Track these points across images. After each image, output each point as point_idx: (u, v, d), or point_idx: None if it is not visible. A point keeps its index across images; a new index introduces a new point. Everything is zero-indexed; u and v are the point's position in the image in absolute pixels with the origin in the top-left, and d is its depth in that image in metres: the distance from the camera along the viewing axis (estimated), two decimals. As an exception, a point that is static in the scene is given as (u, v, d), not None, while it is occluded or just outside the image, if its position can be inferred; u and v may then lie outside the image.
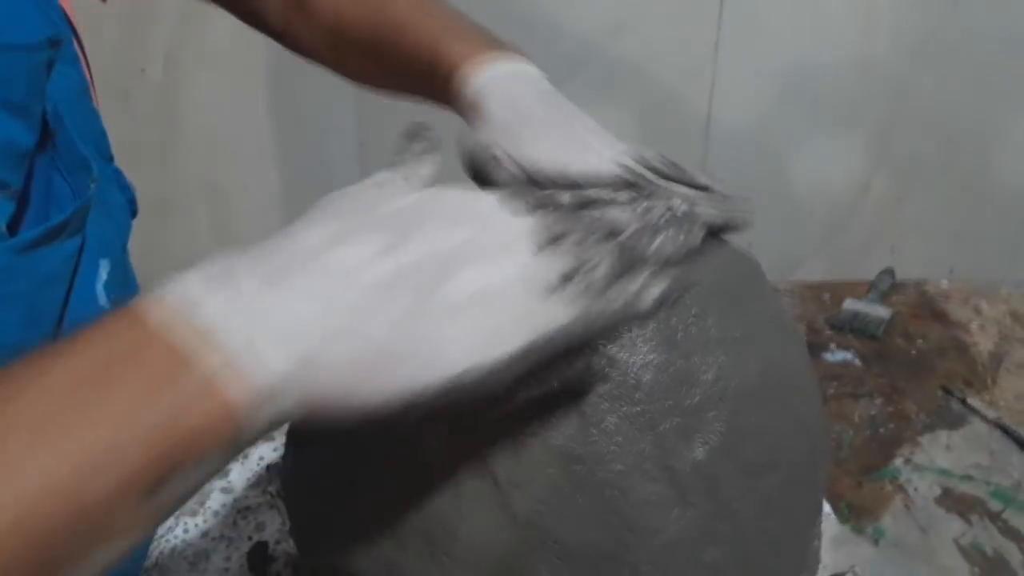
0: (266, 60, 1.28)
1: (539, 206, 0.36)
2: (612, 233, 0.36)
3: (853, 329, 1.06)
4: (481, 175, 0.47)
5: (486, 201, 0.36)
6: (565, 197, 0.38)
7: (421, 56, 0.55)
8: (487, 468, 0.39)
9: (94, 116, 0.58)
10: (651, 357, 0.41)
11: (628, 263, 0.35)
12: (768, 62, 1.27)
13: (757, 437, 0.43)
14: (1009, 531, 0.74)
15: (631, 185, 0.42)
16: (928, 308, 1.14)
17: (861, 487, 0.80)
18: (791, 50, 1.26)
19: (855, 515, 0.76)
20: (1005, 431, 0.87)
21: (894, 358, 1.01)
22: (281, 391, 0.29)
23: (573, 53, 1.25)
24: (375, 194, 0.36)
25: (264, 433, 0.30)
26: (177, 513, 0.74)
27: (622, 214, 0.37)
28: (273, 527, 0.72)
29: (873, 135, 1.33)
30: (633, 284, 0.34)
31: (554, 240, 0.34)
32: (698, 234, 0.40)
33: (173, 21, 1.25)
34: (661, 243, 0.37)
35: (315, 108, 1.30)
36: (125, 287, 0.62)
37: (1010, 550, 0.72)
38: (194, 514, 0.75)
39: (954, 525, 0.75)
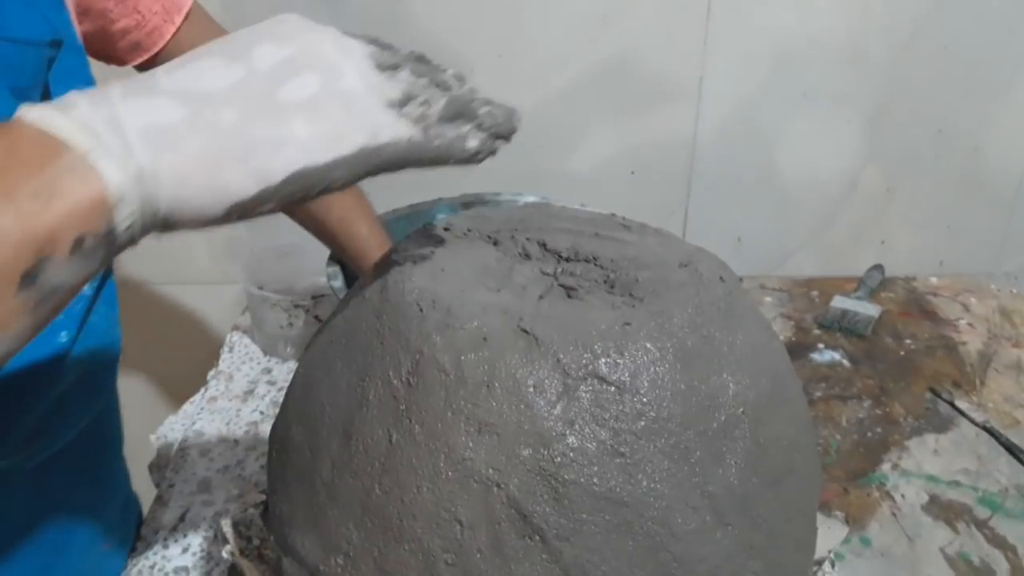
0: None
1: (377, 43, 0.39)
2: (441, 86, 0.39)
3: (842, 328, 1.05)
4: None
5: (330, 27, 0.38)
6: (402, 49, 0.40)
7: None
8: (531, 525, 0.38)
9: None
10: (676, 386, 0.41)
11: (456, 113, 0.38)
12: (757, 55, 1.25)
13: (776, 446, 0.44)
14: (996, 539, 0.74)
15: None
16: (917, 305, 1.13)
17: (848, 493, 0.79)
18: (780, 43, 1.24)
19: (842, 522, 0.76)
20: (992, 435, 0.86)
21: (883, 358, 1.00)
22: (147, 177, 0.32)
23: (559, 46, 1.23)
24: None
25: (143, 227, 0.34)
26: (157, 528, 0.74)
27: (452, 79, 0.40)
28: None
29: (863, 129, 1.31)
30: (459, 130, 0.38)
31: (392, 68, 0.37)
32: (515, 123, 0.41)
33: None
34: (486, 111, 0.39)
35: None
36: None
37: (996, 559, 0.72)
38: (174, 528, 0.74)
39: (941, 533, 0.75)
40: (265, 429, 0.86)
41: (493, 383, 0.39)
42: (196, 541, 0.72)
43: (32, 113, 0.33)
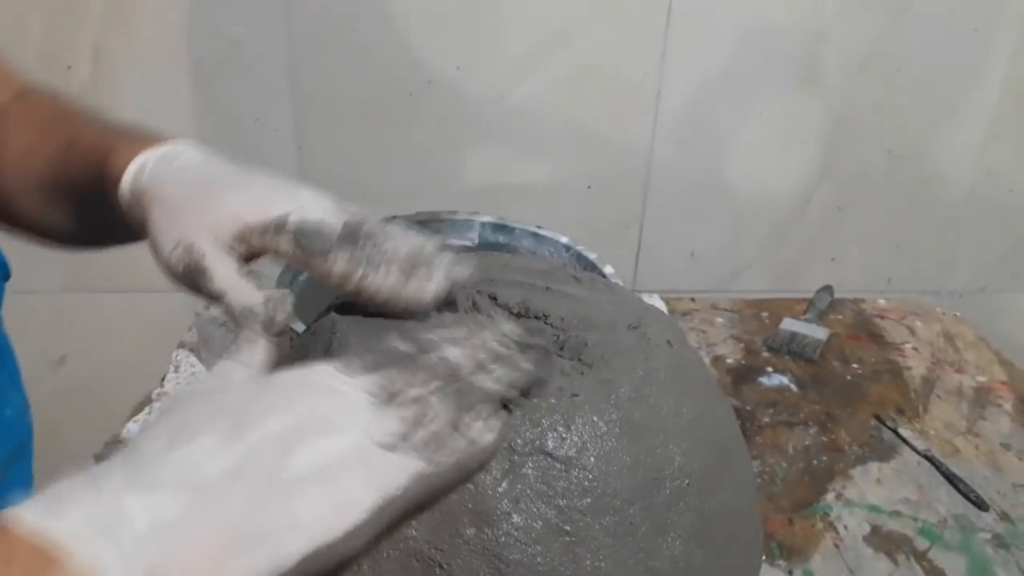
0: (199, 58, 1.24)
1: (376, 364, 0.37)
2: (452, 376, 0.37)
3: (791, 351, 1.07)
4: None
5: (321, 372, 0.36)
6: (402, 346, 0.38)
7: (90, 166, 0.53)
8: None
9: None
10: (622, 459, 0.40)
11: (466, 406, 0.37)
12: (714, 72, 1.26)
13: (720, 516, 0.44)
14: (934, 571, 0.75)
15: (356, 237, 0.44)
16: (865, 328, 1.15)
17: (793, 525, 0.80)
18: (737, 62, 1.25)
19: (786, 555, 0.77)
20: (933, 463, 0.88)
21: (830, 383, 1.02)
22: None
23: (518, 60, 1.23)
24: (214, 385, 0.38)
25: None
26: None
27: (458, 352, 0.38)
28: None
29: (817, 147, 1.33)
30: (460, 442, 0.36)
31: (393, 396, 0.36)
32: (526, 366, 0.40)
33: (100, 16, 1.20)
34: (495, 380, 0.38)
35: (251, 109, 1.26)
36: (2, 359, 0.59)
37: (934, 592, 0.73)
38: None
39: (881, 565, 0.76)
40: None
41: None
42: None
43: (28, 515, 0.30)
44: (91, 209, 0.56)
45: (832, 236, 1.40)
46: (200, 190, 0.47)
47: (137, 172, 0.49)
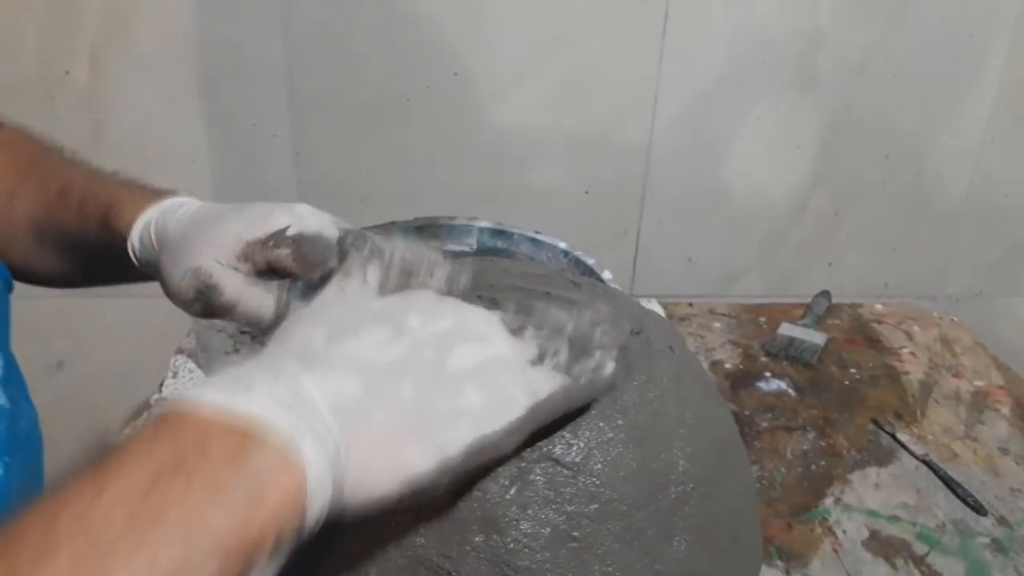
0: (197, 64, 1.24)
1: (495, 306, 0.40)
2: (556, 329, 0.39)
3: (788, 356, 1.07)
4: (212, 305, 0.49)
5: (452, 299, 0.40)
6: (511, 304, 0.41)
7: (90, 216, 0.56)
8: None
9: None
10: (628, 465, 0.41)
11: (580, 350, 0.39)
12: (711, 78, 1.27)
13: (723, 518, 0.44)
14: (932, 576, 0.76)
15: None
16: (862, 332, 1.15)
17: (791, 529, 0.80)
18: (733, 68, 1.26)
19: (784, 559, 0.77)
20: (931, 468, 0.88)
21: (828, 387, 1.02)
22: (341, 458, 0.31)
23: (515, 66, 1.23)
24: (346, 301, 0.39)
25: (326, 515, 0.32)
26: None
27: (561, 313, 0.40)
28: None
29: (813, 153, 1.33)
30: (590, 364, 0.39)
31: (518, 330, 0.38)
32: (626, 329, 0.43)
33: (98, 22, 1.20)
34: (601, 334, 0.40)
35: (249, 114, 1.26)
36: (9, 378, 0.59)
37: (933, 597, 0.74)
38: None
39: (880, 570, 0.76)
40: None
41: None
42: None
43: (209, 396, 0.31)
44: (91, 256, 0.58)
45: (829, 241, 1.40)
46: (202, 224, 0.50)
47: (144, 227, 0.53)
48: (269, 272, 0.48)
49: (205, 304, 0.49)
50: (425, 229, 1.03)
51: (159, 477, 0.28)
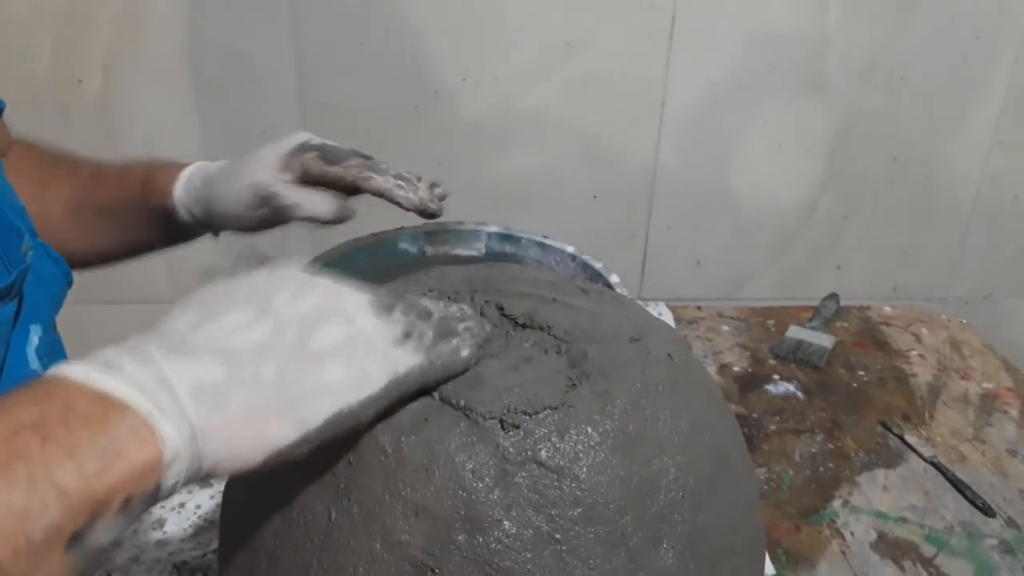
0: (207, 72, 1.25)
1: (367, 289, 0.43)
2: (425, 313, 0.43)
3: (796, 359, 1.07)
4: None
5: (324, 277, 0.42)
6: (382, 290, 0.44)
7: (129, 187, 0.67)
8: None
9: (11, 190, 0.58)
10: (615, 470, 0.41)
11: (444, 332, 0.42)
12: (719, 82, 1.27)
13: (716, 528, 0.44)
14: (940, 578, 0.76)
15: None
16: (870, 335, 1.15)
17: (799, 531, 0.80)
18: (741, 72, 1.26)
19: (792, 562, 0.77)
20: (940, 470, 0.88)
21: (836, 390, 1.02)
22: (198, 436, 0.33)
23: (523, 70, 1.24)
24: (227, 282, 0.41)
25: (184, 482, 0.34)
26: (111, 570, 0.73)
27: (430, 302, 0.44)
28: (209, 583, 0.71)
29: (821, 156, 1.34)
30: (451, 345, 0.42)
31: (388, 308, 0.41)
32: (485, 328, 0.46)
33: (109, 30, 1.21)
34: (464, 325, 0.44)
35: (259, 121, 1.27)
36: (53, 353, 0.62)
37: (941, 598, 0.74)
38: (126, 571, 0.73)
39: (888, 572, 0.76)
40: (221, 463, 0.85)
41: (432, 466, 0.39)
42: (149, 583, 0.71)
43: (74, 371, 0.33)
44: (130, 221, 0.68)
45: (837, 244, 1.40)
46: (241, 159, 0.62)
47: (188, 178, 0.65)
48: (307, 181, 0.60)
49: (271, 208, 0.60)
50: (434, 234, 1.04)
51: (18, 432, 0.30)
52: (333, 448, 0.42)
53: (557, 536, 0.39)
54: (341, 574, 0.40)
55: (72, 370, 0.33)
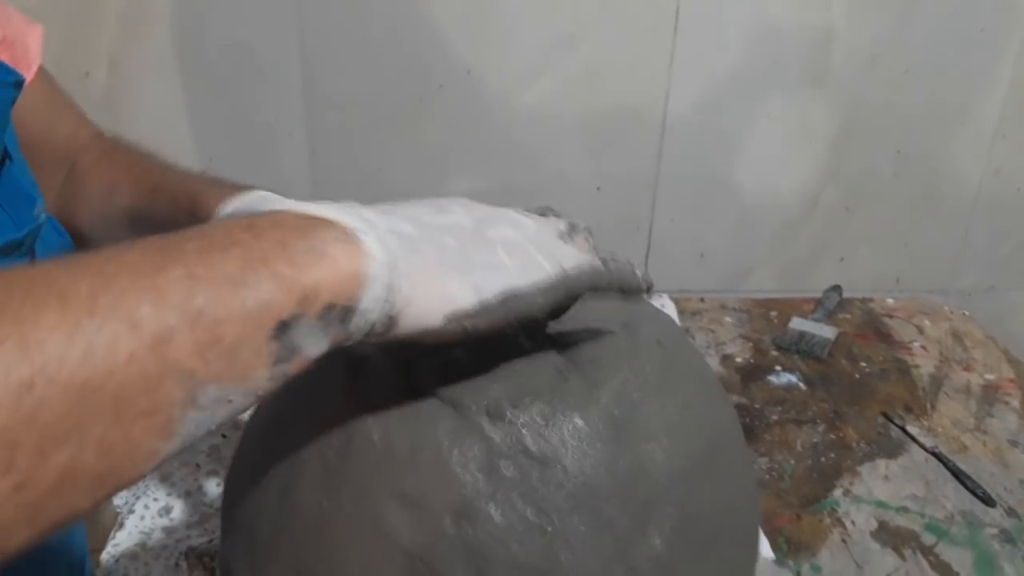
0: (213, 65, 1.26)
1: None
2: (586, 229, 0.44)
3: (799, 350, 1.07)
4: None
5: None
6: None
7: (180, 206, 0.62)
8: None
9: (24, 163, 0.59)
10: (601, 457, 0.41)
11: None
12: (722, 75, 1.27)
13: (706, 513, 0.44)
14: (940, 566, 0.76)
15: None
16: (873, 327, 1.16)
17: (800, 520, 0.81)
18: (745, 64, 1.26)
19: (793, 549, 0.78)
20: (941, 460, 0.89)
21: (838, 381, 1.03)
22: (397, 268, 0.34)
23: (528, 63, 1.24)
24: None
25: (375, 320, 0.34)
26: (117, 556, 0.74)
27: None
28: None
29: (825, 149, 1.34)
30: (620, 259, 0.43)
31: (545, 215, 0.44)
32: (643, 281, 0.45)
33: (116, 24, 1.22)
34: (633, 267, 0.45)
35: (265, 114, 1.28)
36: None
37: (941, 586, 0.74)
38: (134, 557, 0.74)
39: (888, 560, 0.77)
40: (227, 453, 0.86)
41: (419, 456, 0.40)
42: (157, 569, 0.72)
43: (279, 206, 0.35)
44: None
45: (840, 236, 1.40)
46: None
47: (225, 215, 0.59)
48: None
49: None
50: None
51: (232, 231, 0.32)
52: (324, 437, 0.43)
53: (544, 524, 0.39)
54: (333, 563, 0.40)
55: (272, 204, 0.35)
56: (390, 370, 0.45)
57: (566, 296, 0.40)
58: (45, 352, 0.26)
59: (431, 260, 0.36)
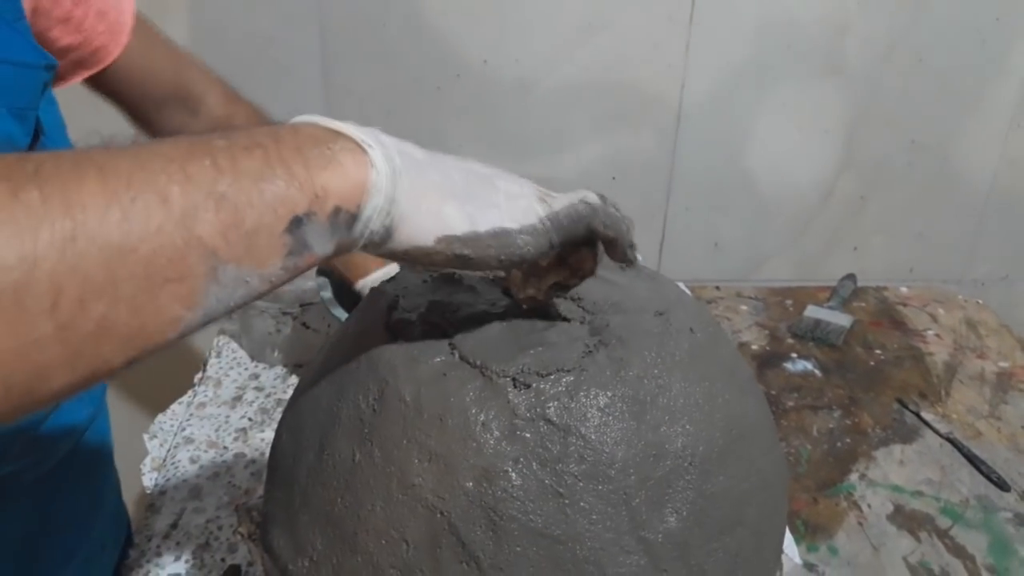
0: (232, 56, 1.27)
1: None
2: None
3: (814, 338, 1.09)
4: None
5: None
6: None
7: None
8: (468, 552, 0.41)
9: (64, 136, 0.62)
10: (622, 433, 0.43)
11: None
12: (738, 64, 1.28)
13: (724, 498, 0.45)
14: (955, 549, 0.78)
15: None
16: (887, 315, 1.17)
17: (817, 503, 0.82)
18: (760, 53, 1.27)
19: (810, 532, 0.79)
20: (955, 446, 0.90)
21: (853, 368, 1.04)
22: (397, 181, 0.37)
23: (544, 53, 1.25)
24: None
25: (374, 228, 0.37)
26: (150, 534, 0.76)
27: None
28: (245, 550, 0.74)
29: (840, 138, 1.34)
30: (614, 207, 0.46)
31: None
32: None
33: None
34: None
35: (284, 106, 1.29)
36: None
37: (956, 568, 0.76)
38: (166, 536, 0.76)
39: (904, 542, 0.78)
40: (254, 436, 0.87)
41: (446, 417, 0.42)
42: (188, 548, 0.74)
43: (300, 119, 0.38)
44: None
45: (855, 225, 1.41)
46: None
47: None
48: None
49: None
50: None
51: (254, 135, 0.35)
52: (362, 394, 0.45)
53: (561, 491, 0.41)
54: (360, 511, 0.43)
55: (294, 119, 0.38)
56: (428, 334, 0.47)
57: (561, 239, 0.42)
58: (86, 212, 0.29)
59: (433, 184, 0.39)
